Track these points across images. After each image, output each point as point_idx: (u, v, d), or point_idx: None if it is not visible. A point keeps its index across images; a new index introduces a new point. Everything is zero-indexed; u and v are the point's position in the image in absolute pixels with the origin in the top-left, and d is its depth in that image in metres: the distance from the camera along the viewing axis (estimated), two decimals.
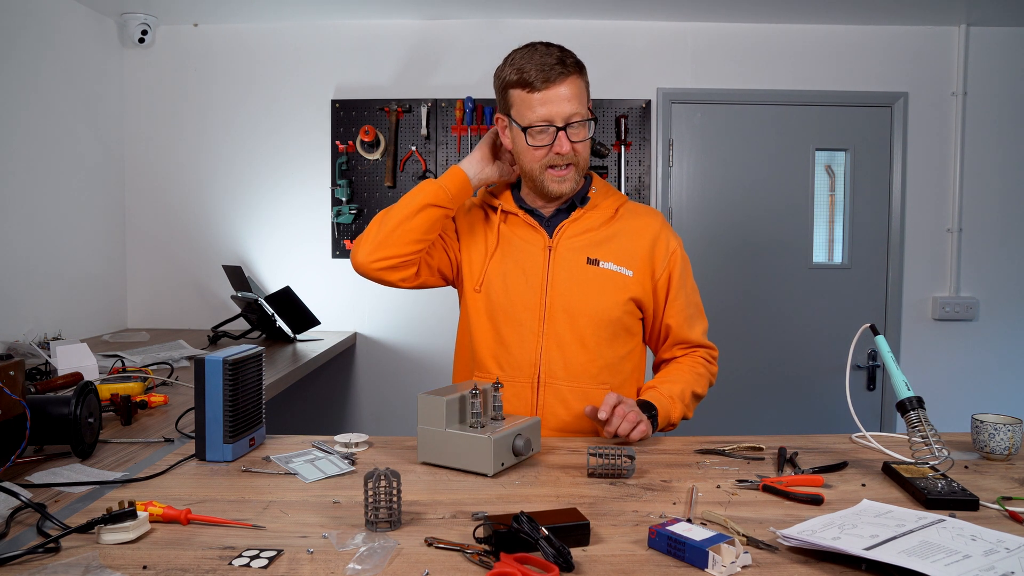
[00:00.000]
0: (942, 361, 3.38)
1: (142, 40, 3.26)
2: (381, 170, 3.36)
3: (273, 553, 0.94)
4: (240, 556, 0.93)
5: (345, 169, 3.36)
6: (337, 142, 3.36)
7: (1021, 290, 3.39)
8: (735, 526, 1.01)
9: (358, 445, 1.41)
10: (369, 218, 3.28)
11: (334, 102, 3.36)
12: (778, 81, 3.34)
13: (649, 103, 3.34)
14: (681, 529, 0.95)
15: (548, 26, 3.29)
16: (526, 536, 0.91)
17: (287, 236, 3.40)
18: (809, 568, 0.91)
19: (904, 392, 1.30)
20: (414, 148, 3.35)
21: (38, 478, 1.22)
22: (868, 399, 3.43)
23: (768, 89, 3.34)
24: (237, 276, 3.02)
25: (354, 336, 3.38)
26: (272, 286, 3.33)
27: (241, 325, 3.22)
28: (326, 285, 3.38)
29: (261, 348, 1.41)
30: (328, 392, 3.44)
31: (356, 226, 3.37)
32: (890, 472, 1.26)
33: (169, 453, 1.39)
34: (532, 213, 1.62)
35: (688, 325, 1.63)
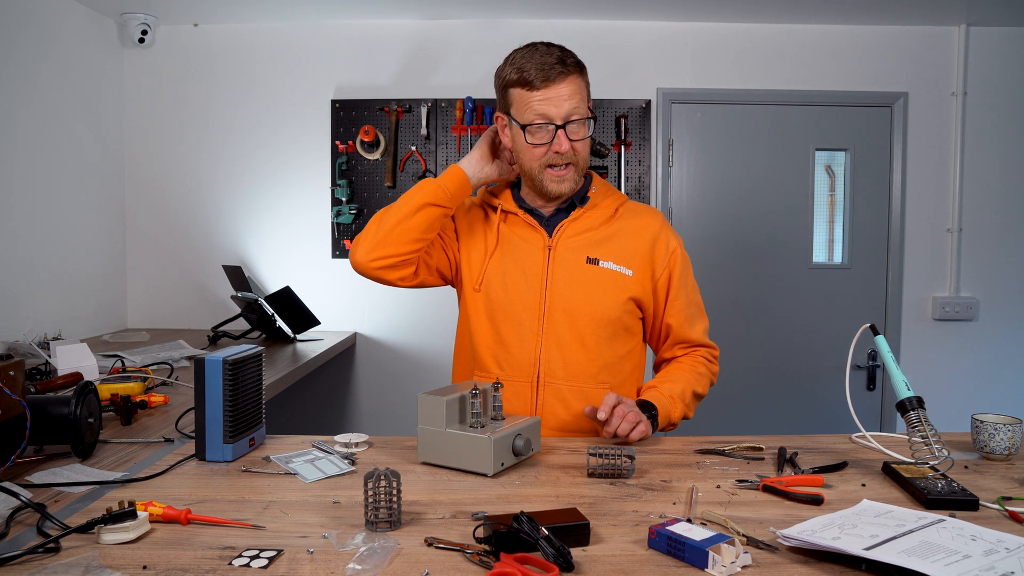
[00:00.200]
0: (942, 361, 3.38)
1: (142, 40, 3.26)
2: (381, 170, 3.36)
3: (273, 553, 0.94)
4: (240, 556, 0.93)
5: (345, 169, 3.36)
6: (337, 142, 3.36)
7: (1021, 290, 3.39)
8: (735, 526, 1.01)
9: (358, 445, 1.41)
10: (369, 218, 3.26)
11: (334, 102, 3.36)
12: (778, 81, 3.34)
13: (649, 103, 3.34)
14: (681, 529, 0.95)
15: (548, 26, 3.29)
16: (526, 536, 0.91)
17: (287, 236, 3.40)
18: (809, 568, 0.91)
19: (904, 392, 1.30)
20: (414, 148, 3.35)
21: (38, 478, 1.22)
22: (868, 399, 3.43)
23: (768, 89, 3.34)
24: (237, 276, 3.02)
25: (354, 336, 3.38)
26: (272, 286, 3.33)
27: (241, 325, 3.22)
28: (326, 285, 3.39)
29: (261, 348, 1.41)
30: (328, 392, 3.44)
31: (356, 226, 3.37)
32: (890, 472, 1.26)
33: (169, 453, 1.39)
34: (532, 212, 1.62)
35: (689, 324, 1.63)
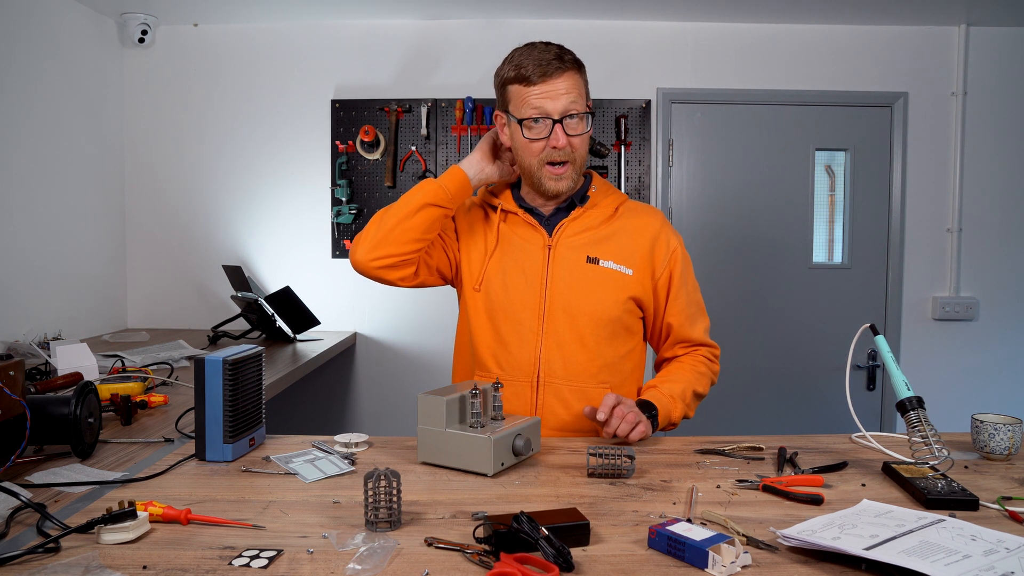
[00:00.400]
0: (942, 361, 3.38)
1: (142, 40, 3.26)
2: (381, 170, 3.36)
3: (273, 553, 0.94)
4: (240, 556, 0.93)
5: (345, 169, 3.36)
6: (337, 142, 3.36)
7: (1021, 290, 3.39)
8: (735, 526, 1.01)
9: (358, 445, 1.41)
10: (369, 218, 3.26)
11: (334, 102, 3.36)
12: (778, 81, 3.34)
13: (649, 103, 3.34)
14: (681, 529, 0.95)
15: (548, 26, 3.29)
16: (526, 536, 0.91)
17: (287, 236, 3.40)
18: (809, 568, 0.91)
19: (904, 392, 1.30)
20: (414, 148, 3.35)
21: (38, 478, 1.22)
22: (868, 399, 3.42)
23: (768, 89, 3.34)
24: (237, 276, 3.02)
25: (354, 336, 3.38)
26: (272, 286, 3.33)
27: (241, 325, 3.22)
28: (326, 285, 3.39)
29: (261, 348, 1.41)
30: (328, 392, 3.44)
31: (356, 226, 3.37)
32: (890, 472, 1.26)
33: (169, 453, 1.39)
34: (532, 212, 1.62)
35: (689, 324, 1.63)
